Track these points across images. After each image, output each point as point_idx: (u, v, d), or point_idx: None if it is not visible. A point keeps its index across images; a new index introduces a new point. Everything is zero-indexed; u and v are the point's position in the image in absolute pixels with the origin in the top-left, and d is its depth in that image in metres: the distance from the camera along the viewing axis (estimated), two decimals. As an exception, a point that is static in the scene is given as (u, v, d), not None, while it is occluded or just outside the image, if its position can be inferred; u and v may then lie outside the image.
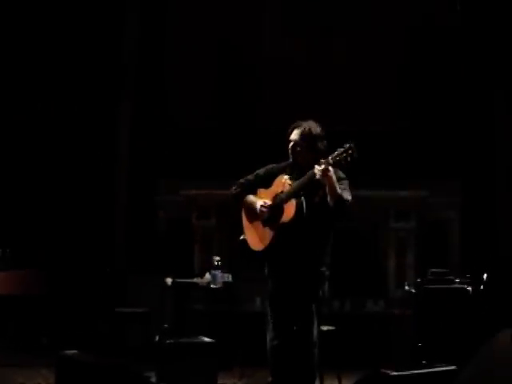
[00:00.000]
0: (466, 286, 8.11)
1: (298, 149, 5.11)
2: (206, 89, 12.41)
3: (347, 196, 4.91)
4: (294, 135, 5.14)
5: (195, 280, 8.87)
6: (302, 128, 5.13)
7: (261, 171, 5.39)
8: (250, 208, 5.21)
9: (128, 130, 11.17)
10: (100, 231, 10.62)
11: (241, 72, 13.36)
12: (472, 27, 10.56)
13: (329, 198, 4.81)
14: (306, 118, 5.27)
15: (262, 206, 5.06)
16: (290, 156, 5.18)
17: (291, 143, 5.15)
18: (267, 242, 5.03)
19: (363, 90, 12.43)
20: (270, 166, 5.39)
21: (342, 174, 5.06)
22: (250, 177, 5.40)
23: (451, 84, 11.17)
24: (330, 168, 4.71)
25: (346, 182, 5.05)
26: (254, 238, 5.18)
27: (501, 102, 10.38)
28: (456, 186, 10.66)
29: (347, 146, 4.74)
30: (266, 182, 5.24)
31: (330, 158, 4.75)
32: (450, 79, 11.20)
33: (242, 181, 5.41)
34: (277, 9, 15.34)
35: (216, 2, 13.54)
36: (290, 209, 4.90)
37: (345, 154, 4.71)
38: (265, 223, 5.08)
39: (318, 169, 4.71)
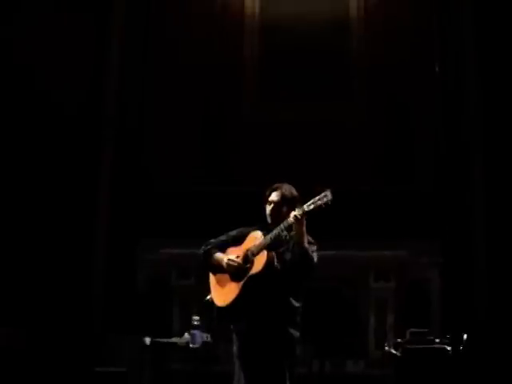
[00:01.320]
0: (446, 347, 8.07)
1: (278, 211, 5.02)
2: (187, 150, 12.52)
3: (313, 255, 4.81)
4: (275, 197, 5.06)
5: (174, 340, 8.75)
6: (283, 190, 5.08)
7: (233, 232, 5.29)
8: (217, 264, 5.04)
9: (108, 188, 11.16)
10: (79, 289, 10.52)
11: (221, 135, 13.53)
12: (450, 91, 10.74)
13: (295, 247, 4.74)
14: (286, 179, 5.28)
15: (229, 259, 4.94)
16: (269, 217, 5.08)
17: (272, 205, 5.06)
18: (234, 295, 4.86)
19: (342, 151, 12.62)
20: (243, 228, 5.27)
21: (311, 239, 4.96)
22: (222, 237, 5.28)
23: (431, 147, 11.34)
24: (303, 217, 4.68)
25: (315, 247, 4.94)
26: (220, 294, 5.00)
27: (478, 165, 10.50)
28: (435, 246, 10.72)
29: (323, 193, 4.69)
30: (238, 242, 5.10)
31: (305, 205, 4.70)
32: (430, 143, 11.37)
33: (212, 240, 5.28)
34: (255, 74, 15.72)
35: (198, 65, 13.80)
36: (260, 260, 4.79)
37: (319, 202, 4.67)
38: (233, 277, 4.92)
39: (292, 214, 4.69)
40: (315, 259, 4.87)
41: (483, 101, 10.03)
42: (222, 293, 4.97)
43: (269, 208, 5.08)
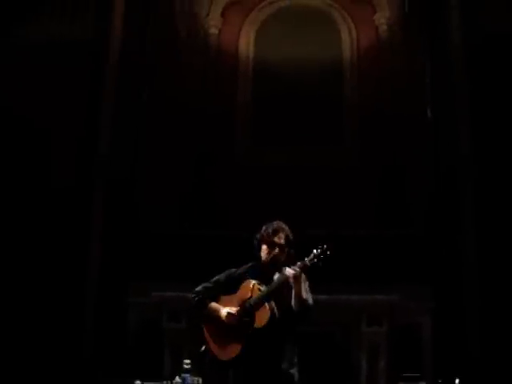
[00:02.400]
0: (438, 391, 8.03)
1: (282, 254, 4.93)
2: (179, 194, 12.53)
3: (310, 300, 4.82)
4: (281, 240, 4.95)
5: (165, 383, 8.65)
6: (287, 232, 4.99)
7: (221, 277, 5.17)
8: (213, 315, 4.95)
9: (100, 231, 11.12)
10: (70, 332, 10.42)
11: (213, 178, 13.56)
12: (442, 136, 10.80)
13: (293, 302, 4.71)
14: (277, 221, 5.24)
15: (228, 313, 4.85)
16: (269, 259, 4.95)
17: (277, 248, 4.92)
18: (238, 349, 4.78)
19: (335, 196, 12.65)
20: (230, 270, 5.19)
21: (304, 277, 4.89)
22: (210, 284, 5.16)
23: (423, 193, 11.38)
24: (302, 273, 4.68)
25: (306, 283, 4.91)
26: (221, 348, 4.89)
27: (469, 211, 10.53)
28: (427, 291, 10.70)
29: (324, 247, 4.68)
30: (227, 287, 5.04)
31: (306, 260, 4.69)
32: (423, 188, 11.42)
33: (201, 288, 5.14)
34: (248, 118, 15.84)
35: (190, 113, 13.90)
36: (263, 314, 4.72)
37: (322, 256, 4.66)
38: (232, 330, 4.83)
39: (291, 272, 4.64)
40: (311, 301, 4.85)
41: (474, 146, 10.11)
42: (223, 347, 4.88)
43: (273, 251, 4.91)
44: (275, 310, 4.75)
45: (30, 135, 10.85)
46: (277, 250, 4.90)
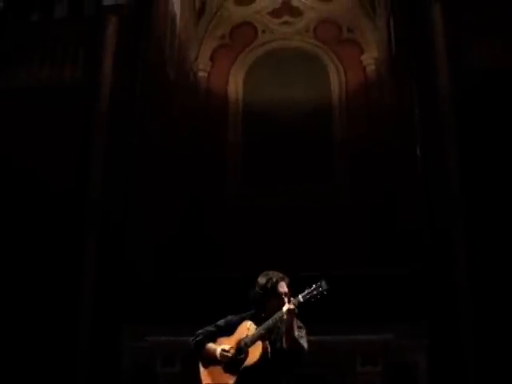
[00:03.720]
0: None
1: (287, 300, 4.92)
2: (171, 236, 12.53)
3: (304, 343, 4.85)
4: (284, 288, 5.02)
5: (159, 428, 8.58)
6: (287, 280, 5.07)
7: (221, 322, 5.25)
8: (210, 355, 5.03)
9: (92, 274, 11.07)
10: (63, 377, 10.30)
11: (204, 220, 13.57)
12: (432, 173, 10.84)
13: (285, 340, 4.76)
14: (270, 265, 5.27)
15: (223, 350, 4.93)
16: (273, 306, 4.99)
17: (286, 296, 4.94)
18: None
19: (325, 235, 12.67)
20: (230, 316, 5.25)
21: (300, 323, 4.99)
22: (210, 327, 5.24)
23: (415, 230, 11.39)
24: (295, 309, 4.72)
25: (303, 331, 4.98)
26: None
27: (462, 246, 10.53)
28: (421, 329, 10.63)
29: (318, 284, 4.76)
30: (227, 332, 5.10)
31: (300, 296, 4.76)
32: (414, 225, 11.43)
33: (201, 331, 5.24)
34: (238, 159, 15.92)
35: (180, 155, 13.96)
36: (255, 352, 4.79)
37: (315, 292, 4.73)
38: (226, 368, 4.90)
39: (286, 307, 4.71)
40: (306, 345, 4.86)
41: (464, 182, 10.17)
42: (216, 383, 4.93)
43: (281, 301, 4.89)
44: (268, 349, 4.81)
45: (20, 182, 10.87)
46: (286, 298, 4.91)
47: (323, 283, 4.75)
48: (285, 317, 4.71)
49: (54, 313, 10.67)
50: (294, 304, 4.73)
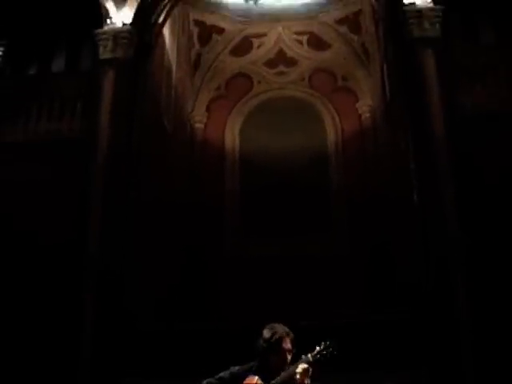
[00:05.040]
0: None
1: (290, 357, 4.87)
2: (169, 288, 12.49)
3: None
4: (288, 344, 4.91)
5: None
6: (291, 336, 4.95)
7: (225, 374, 5.08)
8: None
9: (91, 328, 10.97)
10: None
11: (203, 271, 13.54)
12: (428, 219, 10.86)
13: None
14: (269, 315, 5.25)
15: None
16: (280, 366, 4.87)
17: (289, 353, 4.88)
18: None
19: (323, 284, 12.65)
20: (234, 368, 5.10)
21: (309, 380, 4.81)
22: (213, 380, 5.06)
23: (414, 276, 11.35)
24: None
25: None
26: None
27: (462, 292, 10.47)
28: (422, 375, 10.52)
29: (327, 343, 4.72)
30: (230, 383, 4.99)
31: (309, 355, 4.70)
32: (413, 271, 11.39)
33: (204, 383, 5.04)
34: (236, 209, 15.96)
35: (178, 206, 14.00)
36: None
37: (325, 352, 4.70)
38: None
39: (301, 367, 4.63)
40: None
41: (462, 226, 10.18)
42: None
43: (284, 358, 4.83)
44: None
45: (19, 234, 10.85)
46: (288, 356, 4.85)
47: (331, 344, 4.72)
48: (297, 376, 4.66)
49: (53, 367, 10.54)
50: (306, 364, 4.68)
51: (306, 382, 4.70)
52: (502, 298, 9.81)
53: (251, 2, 15.42)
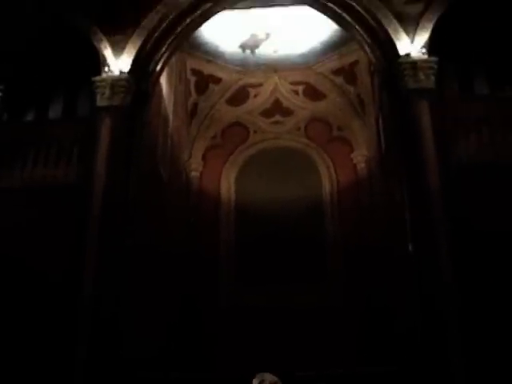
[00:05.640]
0: None
1: None
2: (164, 337, 12.39)
3: None
4: None
5: None
6: None
7: None
8: None
9: (84, 372, 10.80)
10: None
11: (198, 320, 13.44)
12: (424, 270, 10.82)
13: None
14: (263, 364, 5.22)
15: None
16: None
17: None
18: None
19: (318, 334, 12.55)
20: None
21: None
22: None
23: (409, 327, 11.27)
24: None
25: None
26: None
27: (457, 343, 10.37)
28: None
29: None
30: None
31: None
32: (408, 323, 11.32)
33: None
34: (231, 259, 15.91)
35: (173, 255, 13.94)
36: None
37: None
38: None
39: None
40: None
41: (457, 280, 10.14)
42: None
43: None
44: None
45: (16, 276, 10.79)
46: None
47: None
48: None
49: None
50: None
51: None
52: (497, 353, 9.71)
53: (248, 52, 15.63)
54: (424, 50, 10.99)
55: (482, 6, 11.21)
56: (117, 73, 11.36)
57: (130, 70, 11.40)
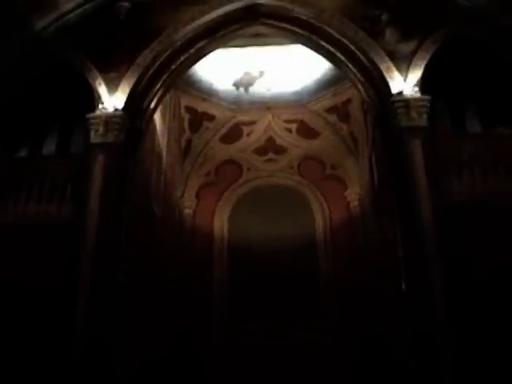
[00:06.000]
0: None
1: None
2: (155, 371, 12.26)
3: None
4: None
5: None
6: None
7: None
8: None
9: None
10: None
11: (190, 358, 13.32)
12: (417, 308, 10.78)
13: None
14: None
15: None
16: None
17: None
18: None
19: (314, 375, 12.48)
20: None
21: None
22: None
23: (404, 365, 11.20)
24: None
25: None
26: None
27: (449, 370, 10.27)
28: None
29: None
30: None
31: None
32: (403, 360, 11.24)
33: None
34: (224, 296, 15.83)
35: (166, 292, 13.87)
36: None
37: None
38: None
39: None
40: None
41: (450, 317, 10.11)
42: None
43: None
44: None
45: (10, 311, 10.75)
46: None
47: None
48: None
49: None
50: None
51: None
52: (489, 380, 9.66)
53: (242, 90, 15.74)
54: (417, 89, 11.07)
55: (474, 44, 11.34)
56: (111, 110, 11.40)
57: (124, 107, 11.44)
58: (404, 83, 11.14)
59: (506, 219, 10.20)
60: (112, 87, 11.61)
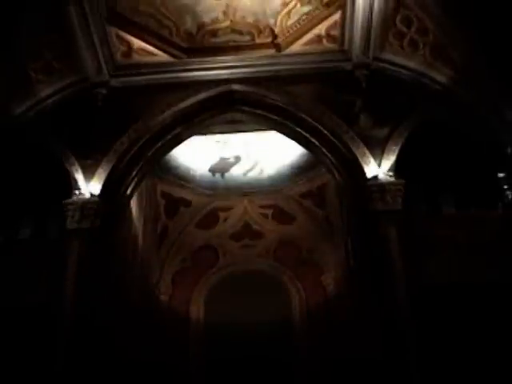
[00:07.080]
0: None
1: None
2: None
3: None
4: None
5: None
6: None
7: None
8: None
9: None
10: None
11: None
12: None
13: None
14: None
15: None
16: None
17: None
18: None
19: None
20: None
21: None
22: None
23: None
24: None
25: None
26: None
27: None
28: None
29: None
30: None
31: None
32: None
33: None
34: (202, 382, 15.60)
35: (144, 374, 13.63)
36: None
37: None
38: None
39: None
40: None
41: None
42: None
43: None
44: None
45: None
46: None
47: None
48: None
49: None
50: None
51: None
52: None
53: (218, 176, 15.86)
54: (391, 173, 11.24)
55: (447, 127, 11.59)
56: (87, 196, 11.43)
57: (101, 193, 11.48)
58: (378, 168, 11.30)
59: (478, 300, 10.30)
60: (89, 174, 11.67)
